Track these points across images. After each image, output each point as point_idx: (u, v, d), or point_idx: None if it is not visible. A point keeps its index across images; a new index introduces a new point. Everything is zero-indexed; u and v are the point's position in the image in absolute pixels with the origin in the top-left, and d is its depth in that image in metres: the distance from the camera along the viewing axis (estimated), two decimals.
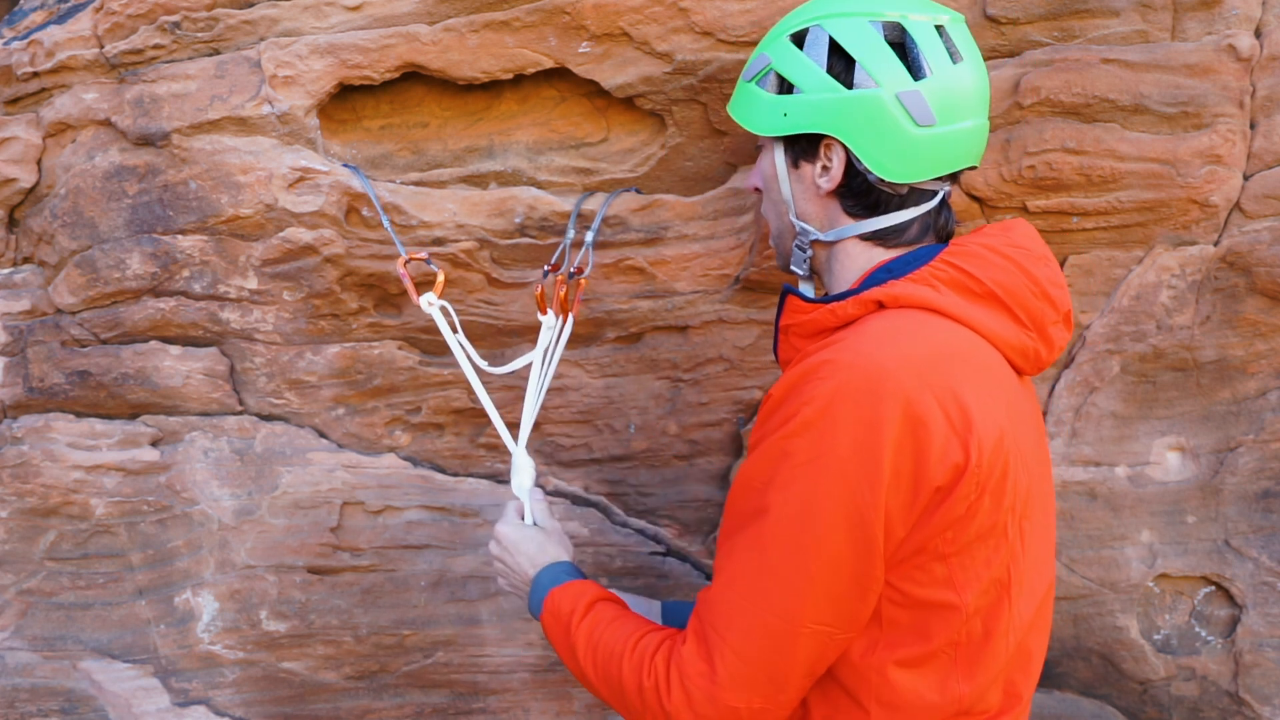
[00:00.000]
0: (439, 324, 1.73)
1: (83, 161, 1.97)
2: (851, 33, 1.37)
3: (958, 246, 1.38)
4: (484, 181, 1.97)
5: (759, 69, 1.46)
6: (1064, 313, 1.42)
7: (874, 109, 1.35)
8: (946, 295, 1.33)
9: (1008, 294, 1.35)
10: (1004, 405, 1.32)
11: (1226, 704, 2.10)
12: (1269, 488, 2.04)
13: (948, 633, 1.31)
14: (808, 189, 1.44)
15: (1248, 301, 1.95)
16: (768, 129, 1.44)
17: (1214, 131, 1.81)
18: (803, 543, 1.26)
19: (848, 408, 1.23)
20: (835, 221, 1.44)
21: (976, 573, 1.30)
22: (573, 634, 1.47)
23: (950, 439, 1.24)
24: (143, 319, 2.01)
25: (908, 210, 1.40)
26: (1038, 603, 1.40)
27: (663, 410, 2.09)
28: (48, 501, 2.09)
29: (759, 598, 1.28)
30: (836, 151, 1.39)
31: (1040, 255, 1.40)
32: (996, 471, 1.27)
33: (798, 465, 1.26)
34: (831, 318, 1.37)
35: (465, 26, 1.84)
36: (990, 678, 1.35)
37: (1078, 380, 2.01)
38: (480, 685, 2.17)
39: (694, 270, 1.97)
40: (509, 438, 1.75)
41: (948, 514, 1.25)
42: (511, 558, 1.65)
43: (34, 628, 2.15)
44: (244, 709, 2.16)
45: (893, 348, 1.26)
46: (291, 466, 2.08)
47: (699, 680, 1.30)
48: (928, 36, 1.37)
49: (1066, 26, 1.79)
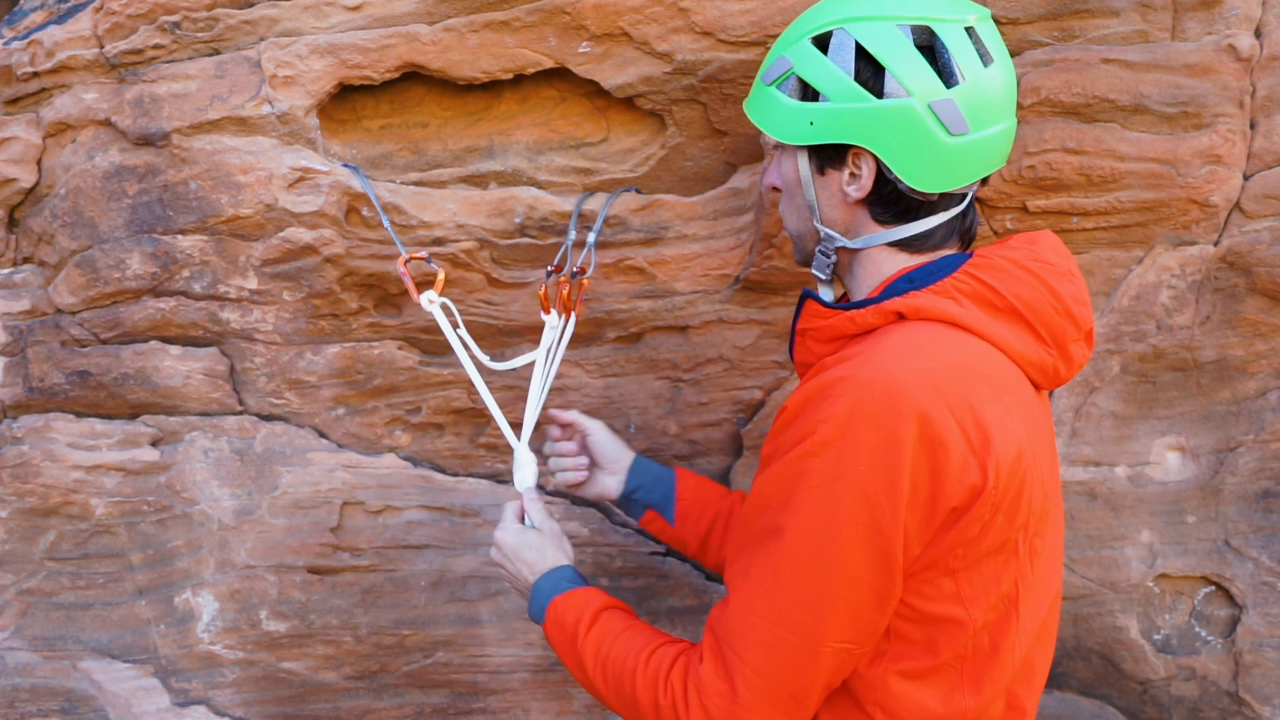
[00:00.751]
0: (440, 322, 1.74)
1: (83, 161, 1.97)
2: (879, 37, 1.31)
3: (981, 259, 1.36)
4: (484, 181, 1.97)
5: (780, 72, 1.40)
6: (1086, 330, 1.40)
7: (906, 119, 1.31)
8: (968, 309, 1.31)
9: (1030, 310, 1.33)
10: (1022, 422, 1.30)
11: (1226, 704, 2.10)
12: (1269, 488, 2.04)
13: (955, 647, 1.30)
14: (834, 196, 1.40)
15: (1248, 301, 1.95)
16: (794, 137, 1.38)
17: (1214, 131, 1.81)
18: (823, 562, 1.25)
19: (866, 426, 1.22)
20: (862, 229, 1.40)
21: (985, 588, 1.30)
22: (580, 646, 1.47)
23: (968, 459, 1.23)
24: (143, 319, 2.01)
25: (937, 216, 1.37)
26: (1044, 616, 1.40)
27: (663, 410, 2.09)
28: (48, 501, 2.08)
29: (779, 617, 1.28)
30: (866, 160, 1.34)
31: (1065, 271, 1.38)
32: (1012, 491, 1.27)
33: (816, 485, 1.25)
34: (850, 325, 1.35)
35: (465, 26, 1.84)
36: (996, 692, 1.35)
37: (1078, 380, 2.01)
38: (480, 685, 2.17)
39: (694, 270, 1.97)
40: (511, 434, 1.76)
41: (962, 533, 1.25)
42: (512, 564, 1.65)
43: (34, 628, 2.15)
44: (244, 709, 2.16)
45: (911, 363, 1.24)
46: (291, 466, 2.08)
47: (719, 700, 1.30)
48: (958, 40, 1.32)
49: (1066, 26, 1.78)
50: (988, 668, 1.33)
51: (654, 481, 1.78)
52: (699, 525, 1.75)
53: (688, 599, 2.16)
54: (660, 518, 1.78)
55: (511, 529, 1.67)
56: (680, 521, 1.76)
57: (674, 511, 1.76)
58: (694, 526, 1.75)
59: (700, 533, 1.75)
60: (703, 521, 1.75)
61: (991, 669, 1.33)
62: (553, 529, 1.68)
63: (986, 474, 1.23)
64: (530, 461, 1.74)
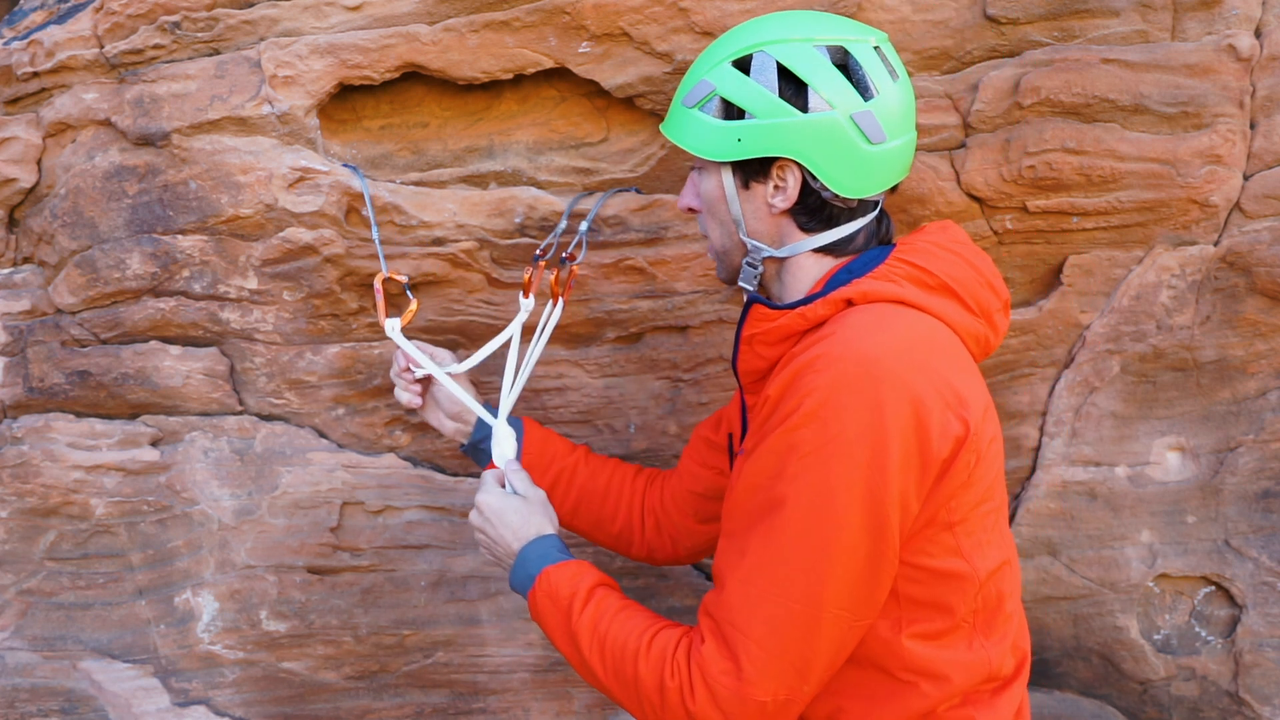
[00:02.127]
0: (404, 346, 1.77)
1: (83, 161, 1.97)
2: (799, 57, 1.41)
3: (906, 245, 1.47)
4: (484, 181, 1.97)
5: (702, 95, 1.48)
6: (1004, 300, 1.52)
7: (831, 131, 1.41)
8: (909, 288, 1.41)
9: (959, 285, 1.44)
10: (979, 382, 1.42)
11: (1226, 704, 2.10)
12: (1269, 488, 2.04)
13: (966, 602, 1.38)
14: (759, 209, 1.48)
15: (1248, 301, 1.95)
16: (722, 154, 1.46)
17: (1214, 131, 1.81)
18: (820, 528, 1.30)
19: (849, 395, 1.29)
20: (788, 237, 1.49)
21: (980, 539, 1.38)
22: (574, 622, 1.47)
23: (946, 413, 1.31)
24: (143, 319, 2.01)
25: (857, 221, 1.48)
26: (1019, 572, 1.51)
27: (663, 410, 2.09)
28: (48, 501, 2.09)
29: (780, 588, 1.32)
30: (791, 171, 1.44)
31: (977, 250, 1.51)
32: (986, 439, 1.37)
33: (806, 454, 1.30)
34: (801, 321, 1.42)
35: (465, 26, 1.84)
36: (1007, 644, 1.44)
37: (1078, 380, 2.01)
38: (480, 685, 2.17)
39: (694, 270, 1.97)
40: (486, 414, 1.78)
41: (951, 483, 1.33)
42: (494, 529, 1.63)
43: (34, 628, 2.15)
44: (244, 709, 2.16)
45: (878, 337, 1.33)
46: (291, 466, 2.08)
47: (724, 679, 1.33)
48: (869, 58, 1.43)
49: (1066, 26, 1.79)
50: (995, 618, 1.42)
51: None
52: (543, 479, 1.80)
53: (687, 599, 2.16)
54: None
55: (495, 492, 1.65)
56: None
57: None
58: (538, 479, 1.78)
59: (544, 485, 1.78)
60: (547, 476, 1.81)
61: (998, 620, 1.42)
62: (538, 495, 1.67)
63: (967, 424, 1.33)
64: (509, 436, 1.76)
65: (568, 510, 1.83)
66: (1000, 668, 1.42)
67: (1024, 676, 1.50)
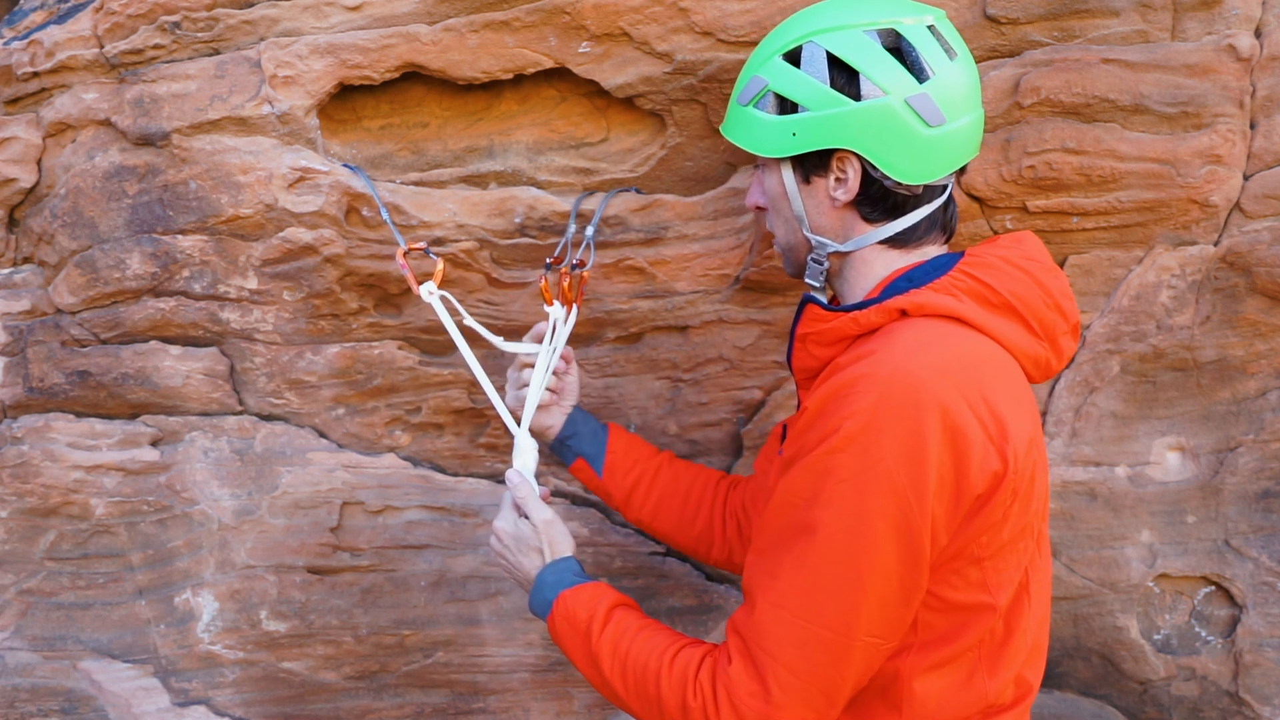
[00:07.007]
0: (439, 313, 1.74)
1: (83, 161, 1.97)
2: (849, 45, 1.38)
3: (974, 257, 1.42)
4: (484, 181, 1.97)
5: (755, 92, 1.45)
6: (1073, 323, 1.46)
7: (886, 117, 1.37)
8: (967, 304, 1.36)
9: (1023, 305, 1.39)
10: (1029, 411, 1.36)
11: (1226, 704, 2.10)
12: (1269, 488, 2.04)
13: (976, 632, 1.35)
14: (821, 203, 1.45)
15: (1248, 301, 1.95)
16: (778, 150, 1.43)
17: (1214, 131, 1.81)
18: (854, 554, 1.28)
19: (890, 421, 1.25)
20: (852, 230, 1.45)
21: (1009, 575, 1.34)
22: (594, 644, 1.47)
23: (988, 448, 1.27)
24: (143, 319, 2.01)
25: (922, 209, 1.43)
26: (1047, 598, 1.46)
27: (663, 410, 2.09)
28: (48, 501, 2.09)
29: (813, 614, 1.30)
30: (851, 163, 1.40)
31: (1050, 268, 1.44)
32: (1027, 476, 1.32)
33: (843, 480, 1.27)
34: (854, 325, 1.39)
35: (465, 26, 1.84)
36: (1010, 676, 1.39)
37: (1078, 380, 2.01)
38: (480, 685, 2.17)
39: (694, 270, 1.97)
40: (511, 421, 1.78)
41: (985, 520, 1.29)
42: (512, 555, 1.64)
43: (34, 628, 2.15)
44: (244, 709, 2.16)
45: (926, 358, 1.29)
46: (291, 466, 2.08)
47: (751, 701, 1.32)
48: (923, 38, 1.39)
49: (1066, 26, 1.79)
50: (1002, 652, 1.38)
51: (590, 433, 1.85)
52: (625, 479, 1.83)
53: (688, 599, 2.16)
54: (589, 467, 1.84)
55: (508, 518, 1.67)
56: (608, 474, 1.84)
57: (603, 464, 1.84)
58: (620, 480, 1.83)
59: (626, 486, 1.83)
60: (629, 476, 1.84)
61: (1006, 653, 1.38)
62: (549, 517, 1.66)
63: (1006, 461, 1.28)
64: (531, 447, 1.75)
65: (648, 512, 1.84)
66: (998, 697, 1.39)
67: (1024, 706, 1.45)
